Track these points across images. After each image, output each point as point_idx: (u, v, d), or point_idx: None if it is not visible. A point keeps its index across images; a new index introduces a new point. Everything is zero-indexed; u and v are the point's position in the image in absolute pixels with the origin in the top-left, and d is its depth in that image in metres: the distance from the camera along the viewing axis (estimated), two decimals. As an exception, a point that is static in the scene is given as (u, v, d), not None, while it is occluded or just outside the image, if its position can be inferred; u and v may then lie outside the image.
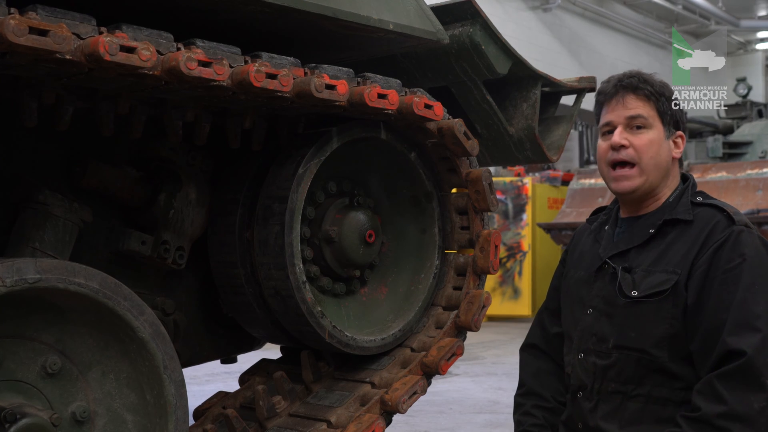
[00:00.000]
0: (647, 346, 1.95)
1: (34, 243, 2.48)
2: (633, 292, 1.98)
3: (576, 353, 2.09)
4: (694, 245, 1.96)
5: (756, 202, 9.24)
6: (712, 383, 1.84)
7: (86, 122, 2.54)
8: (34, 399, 2.24)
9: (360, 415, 2.88)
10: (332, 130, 2.87)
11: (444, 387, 6.55)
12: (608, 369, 2.00)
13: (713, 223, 1.97)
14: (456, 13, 3.27)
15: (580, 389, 2.06)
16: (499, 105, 3.63)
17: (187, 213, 2.92)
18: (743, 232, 1.94)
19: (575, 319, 2.13)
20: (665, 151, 2.06)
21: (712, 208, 2.02)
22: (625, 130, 2.05)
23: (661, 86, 2.07)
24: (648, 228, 2.05)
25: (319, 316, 2.82)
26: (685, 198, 2.05)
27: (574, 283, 2.17)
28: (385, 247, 3.20)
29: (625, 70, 2.13)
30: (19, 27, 1.91)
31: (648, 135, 2.04)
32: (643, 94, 2.05)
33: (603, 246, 2.12)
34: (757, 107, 12.60)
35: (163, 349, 2.37)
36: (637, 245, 2.05)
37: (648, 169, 2.05)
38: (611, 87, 2.09)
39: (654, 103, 2.05)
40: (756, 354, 1.81)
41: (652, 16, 21.71)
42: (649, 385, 1.95)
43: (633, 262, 2.03)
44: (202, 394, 3.89)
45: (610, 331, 2.01)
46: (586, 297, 2.11)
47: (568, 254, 2.31)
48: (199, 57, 2.25)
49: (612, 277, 2.04)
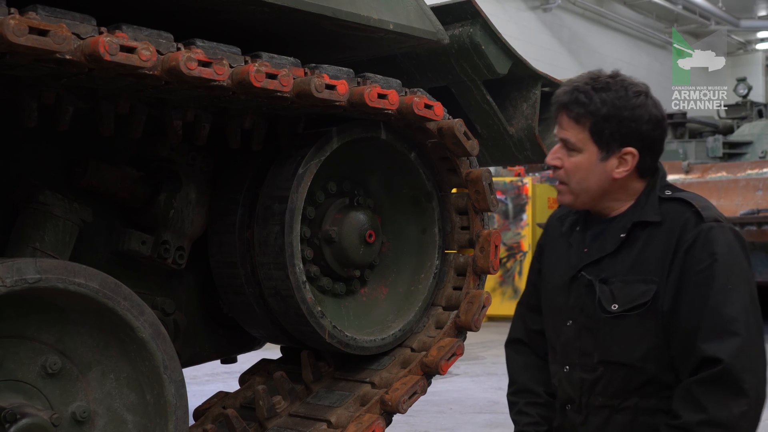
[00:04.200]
0: (633, 360, 1.91)
1: (34, 243, 2.48)
2: (613, 306, 1.92)
3: (561, 366, 2.05)
4: (667, 249, 1.89)
5: (756, 202, 9.24)
6: (690, 390, 1.81)
7: (86, 122, 2.54)
8: (34, 399, 2.24)
9: (360, 415, 2.88)
10: (332, 130, 2.87)
11: (444, 387, 6.55)
12: (595, 384, 1.96)
13: (683, 221, 1.90)
14: (456, 13, 3.28)
15: (568, 402, 2.03)
16: (499, 105, 3.63)
17: (187, 213, 2.92)
18: (713, 229, 1.87)
19: (556, 329, 2.08)
20: (598, 174, 1.95)
21: (681, 203, 1.94)
22: (561, 148, 1.98)
23: (601, 103, 1.91)
24: (619, 233, 1.97)
25: (319, 316, 2.82)
26: (653, 196, 1.97)
27: (551, 289, 2.11)
28: (385, 247, 3.20)
29: (590, 72, 2.00)
30: (19, 27, 1.91)
31: (575, 158, 1.96)
32: (572, 116, 1.95)
33: (575, 252, 2.05)
34: (757, 107, 12.59)
35: (163, 349, 2.37)
36: (610, 252, 1.97)
37: (576, 191, 1.98)
38: (554, 100, 2.00)
39: (585, 125, 1.93)
40: (733, 360, 1.77)
41: (652, 16, 21.71)
42: (637, 397, 1.92)
43: (608, 270, 1.97)
44: (202, 394, 3.88)
45: (593, 345, 1.97)
46: (563, 307, 2.05)
47: (543, 251, 2.23)
48: (199, 57, 2.25)
49: (588, 288, 1.98)
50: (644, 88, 1.95)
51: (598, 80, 1.95)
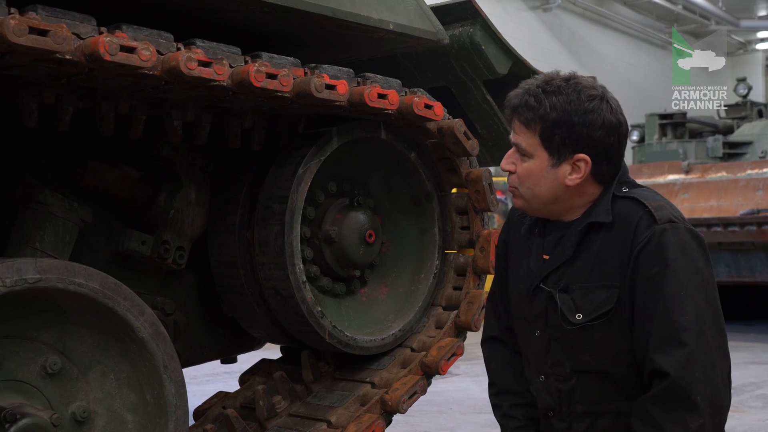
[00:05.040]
0: (605, 367, 1.88)
1: (34, 243, 2.48)
2: (577, 316, 1.87)
3: (536, 374, 2.01)
4: (623, 251, 1.83)
5: (756, 202, 9.23)
6: (646, 408, 1.78)
7: (86, 122, 2.54)
8: (34, 399, 2.24)
9: (360, 415, 2.88)
10: (332, 130, 2.87)
11: (444, 387, 6.55)
12: (572, 392, 1.93)
13: (635, 222, 1.83)
14: (456, 13, 3.28)
15: (549, 410, 2.00)
16: (499, 105, 3.63)
17: (187, 213, 2.92)
18: (666, 232, 1.79)
19: (526, 338, 2.04)
20: (550, 180, 1.89)
21: (634, 202, 1.87)
22: (515, 152, 1.94)
23: (550, 107, 1.85)
24: (575, 237, 1.91)
25: (319, 316, 2.83)
26: (607, 196, 1.90)
27: (516, 297, 2.06)
28: (385, 247, 3.20)
29: (546, 74, 1.93)
30: (19, 27, 1.91)
31: (527, 164, 1.90)
32: (522, 120, 1.89)
33: (534, 260, 1.99)
34: (757, 107, 12.58)
35: (163, 349, 2.37)
36: (568, 258, 1.92)
37: (528, 196, 1.93)
38: (506, 103, 1.96)
39: (536, 130, 1.88)
40: (681, 372, 1.72)
41: (652, 16, 21.70)
42: (617, 400, 1.89)
43: (567, 277, 1.91)
44: (202, 394, 3.88)
45: (564, 355, 1.93)
46: (528, 316, 2.00)
47: (506, 249, 2.16)
48: (199, 57, 2.25)
49: (549, 299, 1.93)
50: (600, 92, 1.87)
51: (551, 83, 1.88)
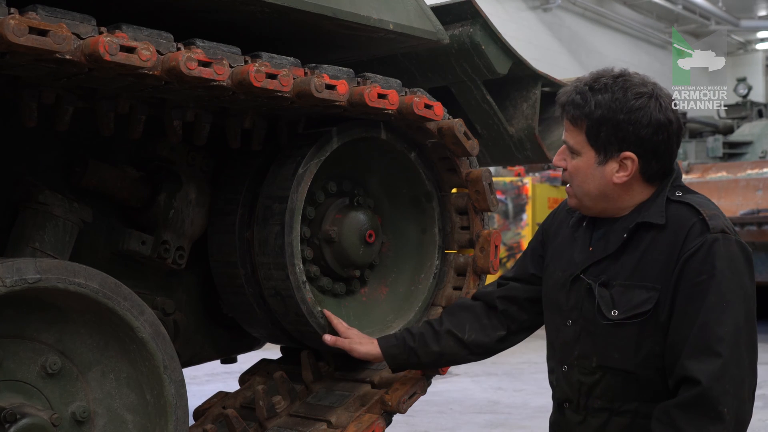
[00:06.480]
0: (632, 367, 1.89)
1: (34, 243, 2.48)
2: (613, 312, 1.89)
3: (559, 364, 2.03)
4: (671, 255, 1.84)
5: (756, 202, 9.24)
6: (669, 413, 1.78)
7: (86, 122, 2.54)
8: (34, 399, 2.24)
9: (360, 415, 2.88)
10: (332, 130, 2.87)
11: (444, 387, 6.55)
12: (593, 387, 1.95)
13: (688, 228, 1.84)
14: (456, 13, 3.28)
15: (566, 401, 2.02)
16: (499, 105, 3.63)
17: (187, 213, 2.92)
18: (717, 242, 1.80)
19: (555, 327, 2.05)
20: (597, 178, 1.91)
21: (688, 207, 1.88)
22: (566, 149, 1.97)
23: (596, 105, 1.87)
24: (622, 233, 1.93)
25: (319, 316, 2.83)
26: (661, 198, 1.91)
27: (552, 285, 2.08)
28: (385, 247, 3.20)
29: (597, 71, 1.95)
30: (19, 27, 1.91)
31: (575, 161, 1.94)
32: (569, 118, 1.92)
33: (579, 249, 2.02)
34: (757, 107, 12.59)
35: (163, 349, 2.37)
36: (612, 252, 1.94)
37: (579, 194, 1.96)
38: (556, 100, 1.99)
39: (582, 128, 1.90)
40: (713, 383, 1.73)
41: (652, 16, 21.72)
42: (637, 401, 1.90)
43: (609, 272, 1.93)
44: (202, 394, 3.89)
45: (592, 349, 1.94)
46: (563, 305, 2.02)
47: (547, 237, 2.20)
48: (199, 57, 2.25)
49: (588, 291, 1.95)
50: (649, 90, 1.87)
51: (599, 81, 1.89)
